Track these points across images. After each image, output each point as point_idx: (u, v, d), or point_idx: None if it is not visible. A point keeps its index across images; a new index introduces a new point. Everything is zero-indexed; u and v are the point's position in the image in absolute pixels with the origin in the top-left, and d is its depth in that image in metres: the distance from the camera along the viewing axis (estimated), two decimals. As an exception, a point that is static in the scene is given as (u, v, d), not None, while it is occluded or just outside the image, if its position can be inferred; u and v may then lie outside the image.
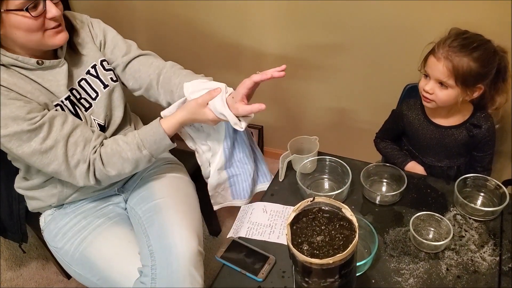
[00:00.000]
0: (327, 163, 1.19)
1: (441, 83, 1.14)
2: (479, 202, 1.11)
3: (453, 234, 0.97)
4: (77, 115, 1.05)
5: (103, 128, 1.11)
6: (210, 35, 1.86)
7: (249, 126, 1.13)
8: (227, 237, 1.08)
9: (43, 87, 0.99)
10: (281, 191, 1.20)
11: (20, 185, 1.16)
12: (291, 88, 1.88)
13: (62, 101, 1.02)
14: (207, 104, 1.01)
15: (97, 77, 1.11)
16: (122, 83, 1.20)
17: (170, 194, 1.15)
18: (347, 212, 0.69)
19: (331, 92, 1.81)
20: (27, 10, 0.88)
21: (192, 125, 1.13)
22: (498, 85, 1.18)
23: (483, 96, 1.18)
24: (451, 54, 1.10)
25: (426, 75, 1.18)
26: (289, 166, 1.23)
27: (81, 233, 1.09)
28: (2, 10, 0.87)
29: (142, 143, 1.01)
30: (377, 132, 1.45)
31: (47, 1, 0.92)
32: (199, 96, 1.02)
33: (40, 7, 0.91)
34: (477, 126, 1.22)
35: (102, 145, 1.02)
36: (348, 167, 1.12)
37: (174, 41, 1.96)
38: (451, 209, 1.09)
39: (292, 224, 0.70)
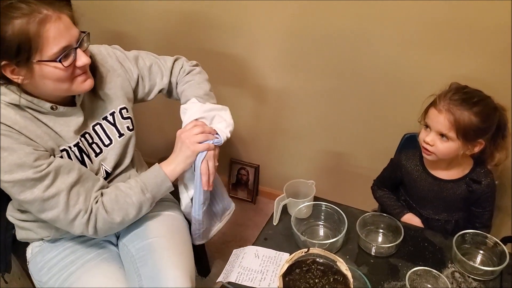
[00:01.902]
0: (323, 209, 1.17)
1: (442, 135, 1.14)
2: (478, 259, 1.07)
3: (450, 290, 0.94)
4: (83, 162, 1.03)
5: (109, 175, 1.09)
6: (218, 55, 1.86)
7: (246, 164, 1.14)
8: (217, 281, 1.04)
9: (53, 130, 0.98)
10: (275, 235, 1.17)
11: (13, 214, 1.13)
12: (289, 129, 1.89)
13: (70, 147, 1.00)
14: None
15: (114, 124, 1.10)
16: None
17: (164, 233, 1.12)
18: (342, 266, 0.67)
19: (329, 136, 1.81)
20: (60, 61, 0.88)
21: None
22: (497, 142, 1.17)
23: (483, 151, 1.18)
24: (453, 107, 1.11)
25: (427, 127, 1.17)
26: (284, 210, 1.20)
27: (68, 268, 1.05)
28: (34, 61, 0.86)
29: (145, 187, 1.03)
30: (374, 180, 1.44)
31: (77, 50, 0.91)
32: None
33: (72, 56, 0.90)
34: (476, 182, 1.20)
35: (102, 194, 1.01)
36: (344, 215, 1.10)
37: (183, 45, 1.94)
38: (449, 265, 1.05)
39: (285, 275, 0.67)
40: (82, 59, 0.92)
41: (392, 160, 1.38)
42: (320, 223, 1.18)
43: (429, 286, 0.99)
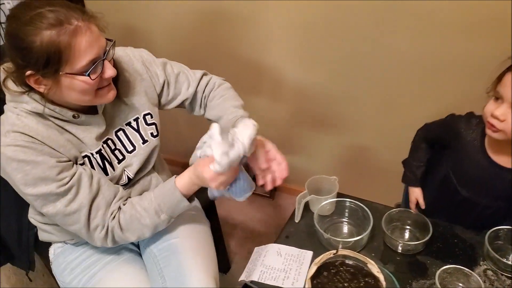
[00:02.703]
0: (347, 205, 1.13)
1: None
2: (511, 257, 1.03)
3: (484, 292, 0.90)
4: (104, 169, 1.01)
5: (130, 180, 1.07)
6: (232, 55, 1.84)
7: None
8: (239, 280, 1.02)
9: (76, 137, 0.96)
10: (297, 233, 1.14)
11: (35, 216, 1.13)
12: (308, 122, 1.85)
13: (92, 154, 0.98)
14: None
15: (137, 130, 1.07)
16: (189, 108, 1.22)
17: (187, 233, 1.11)
18: (374, 268, 0.63)
19: (350, 128, 1.76)
20: (88, 75, 0.85)
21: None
22: None
23: None
24: None
25: (497, 98, 0.96)
26: (305, 207, 1.17)
27: (90, 270, 1.05)
28: (62, 73, 0.83)
29: (159, 208, 0.99)
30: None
31: (104, 61, 0.88)
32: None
33: (99, 68, 0.88)
34: None
35: (120, 209, 0.99)
36: (369, 212, 1.07)
37: (194, 57, 1.93)
38: (481, 263, 1.01)
39: (313, 278, 0.64)
40: (109, 72, 0.89)
41: (448, 120, 1.16)
42: (343, 220, 1.15)
43: (460, 285, 0.95)
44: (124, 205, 0.99)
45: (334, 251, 0.65)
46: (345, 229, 1.14)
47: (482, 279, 0.94)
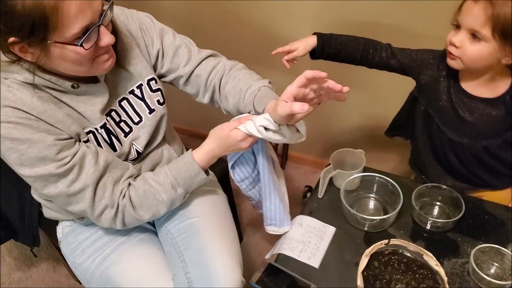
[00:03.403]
0: (374, 180, 1.08)
1: (474, 35, 0.92)
2: (545, 233, 0.99)
3: (522, 272, 0.86)
4: (112, 144, 0.92)
5: (140, 154, 0.99)
6: (244, 24, 1.73)
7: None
8: (265, 258, 0.98)
9: (77, 111, 0.86)
10: (320, 209, 1.09)
11: (39, 193, 1.06)
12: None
13: (96, 129, 0.89)
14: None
15: (142, 99, 0.97)
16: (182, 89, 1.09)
17: (206, 212, 1.04)
18: (431, 260, 0.58)
19: (369, 98, 1.68)
20: (81, 44, 0.74)
21: None
22: None
23: None
24: None
25: (457, 26, 0.96)
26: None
27: (103, 251, 0.99)
28: (50, 42, 0.72)
29: (176, 182, 0.92)
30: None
31: (100, 28, 0.77)
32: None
33: (94, 35, 0.76)
34: None
35: (130, 185, 0.91)
36: (399, 188, 1.01)
37: (203, 28, 1.84)
38: (514, 240, 0.98)
39: (363, 270, 0.59)
40: (106, 39, 0.78)
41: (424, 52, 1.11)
42: (370, 195, 1.10)
43: (495, 264, 0.92)
44: (135, 180, 0.92)
45: (386, 241, 0.60)
46: (371, 204, 1.09)
47: (516, 257, 0.91)
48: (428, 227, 1.01)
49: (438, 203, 1.06)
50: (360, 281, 0.57)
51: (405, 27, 1.45)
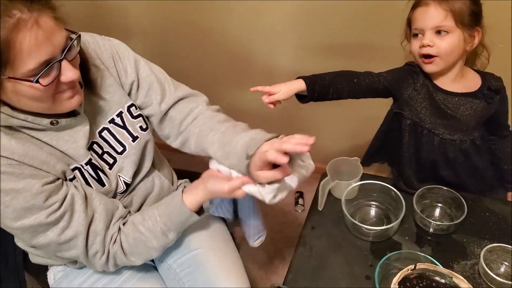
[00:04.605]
0: (374, 187, 1.06)
1: (439, 31, 0.99)
2: (545, 225, 1.00)
3: (532, 269, 0.86)
4: (99, 180, 0.86)
5: (129, 185, 0.93)
6: (216, 43, 1.69)
7: None
8: (271, 285, 0.94)
9: (59, 150, 0.79)
10: (323, 222, 1.06)
11: (23, 242, 0.97)
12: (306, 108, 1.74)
13: (82, 165, 0.82)
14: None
15: (124, 127, 0.90)
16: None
17: (208, 241, 0.99)
18: (462, 283, 0.56)
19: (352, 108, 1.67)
20: (37, 81, 0.67)
21: None
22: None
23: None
24: None
25: (416, 34, 1.03)
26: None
27: None
28: (3, 77, 0.66)
29: (167, 228, 0.87)
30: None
31: (62, 62, 0.70)
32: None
33: (54, 71, 0.69)
34: (492, 90, 1.06)
35: (120, 229, 0.86)
36: (400, 195, 1.00)
37: (175, 49, 1.78)
38: (517, 235, 0.98)
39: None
40: (68, 75, 0.71)
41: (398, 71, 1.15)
42: (371, 202, 1.08)
43: (505, 263, 0.92)
44: (124, 225, 0.87)
45: (412, 266, 0.57)
46: (373, 212, 1.07)
47: (522, 253, 0.91)
48: (431, 230, 1.01)
49: (439, 205, 1.06)
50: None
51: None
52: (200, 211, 0.90)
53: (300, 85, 1.10)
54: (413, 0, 1.04)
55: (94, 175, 0.84)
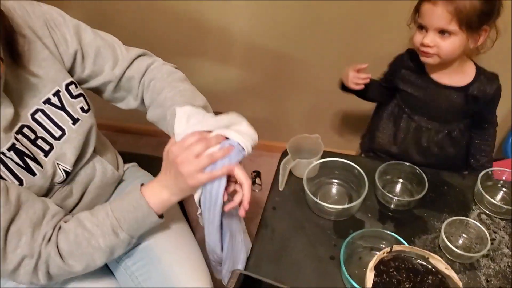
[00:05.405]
0: (335, 165, 1.03)
1: (443, 32, 0.99)
2: (499, 197, 1.03)
3: (490, 240, 0.87)
4: (28, 168, 0.73)
5: (69, 174, 0.81)
6: (168, 11, 1.56)
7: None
8: (234, 270, 0.88)
9: None
10: (284, 203, 1.02)
11: None
12: (262, 70, 1.68)
13: (3, 153, 0.70)
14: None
15: (62, 108, 0.79)
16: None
17: (163, 232, 0.89)
18: (440, 264, 0.53)
19: (312, 74, 1.63)
20: None
21: None
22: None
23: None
24: None
25: (422, 28, 1.02)
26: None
27: None
28: None
29: (118, 224, 0.74)
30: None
31: None
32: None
33: None
34: (481, 91, 1.09)
35: (60, 228, 0.73)
36: (363, 172, 0.97)
37: (116, 16, 1.63)
38: (474, 207, 0.99)
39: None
40: None
41: (390, 64, 1.22)
42: (332, 180, 1.05)
43: (463, 235, 0.93)
44: (65, 222, 0.74)
45: (388, 249, 0.54)
46: (334, 190, 1.05)
47: (478, 224, 0.92)
48: (393, 206, 1.00)
49: (400, 180, 1.05)
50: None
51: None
52: (161, 215, 0.79)
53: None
54: None
55: (20, 163, 0.72)
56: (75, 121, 0.81)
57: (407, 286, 0.53)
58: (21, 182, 0.72)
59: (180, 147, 0.70)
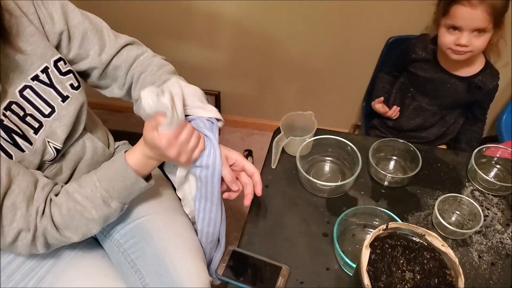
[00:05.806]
0: (328, 142, 1.01)
1: (479, 31, 1.03)
2: (492, 173, 1.02)
3: (483, 216, 0.87)
4: (16, 145, 0.71)
5: (59, 151, 0.79)
6: None
7: (205, 92, 0.86)
8: (227, 247, 0.88)
9: None
10: (277, 181, 1.00)
11: None
12: (252, 48, 1.64)
13: None
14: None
15: (51, 85, 0.76)
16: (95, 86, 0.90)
17: (155, 209, 0.88)
18: (436, 241, 0.52)
19: (302, 52, 1.59)
20: None
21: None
22: None
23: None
24: None
25: (454, 28, 1.06)
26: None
27: (35, 273, 0.80)
28: None
29: (108, 195, 0.73)
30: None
31: None
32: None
33: None
34: (482, 82, 1.16)
35: (51, 200, 0.72)
36: (356, 150, 0.96)
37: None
38: (467, 184, 0.99)
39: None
40: None
41: (403, 46, 1.27)
42: (325, 158, 1.03)
43: (456, 212, 0.93)
44: (56, 196, 0.73)
45: (384, 226, 0.53)
46: (327, 167, 1.03)
47: (471, 201, 0.92)
48: (386, 183, 0.99)
49: (394, 157, 1.04)
50: (366, 280, 0.50)
51: None
52: (148, 177, 0.78)
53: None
54: None
55: (8, 139, 0.70)
56: (64, 98, 0.78)
57: (402, 263, 0.52)
58: (10, 157, 0.70)
59: (175, 142, 0.69)
